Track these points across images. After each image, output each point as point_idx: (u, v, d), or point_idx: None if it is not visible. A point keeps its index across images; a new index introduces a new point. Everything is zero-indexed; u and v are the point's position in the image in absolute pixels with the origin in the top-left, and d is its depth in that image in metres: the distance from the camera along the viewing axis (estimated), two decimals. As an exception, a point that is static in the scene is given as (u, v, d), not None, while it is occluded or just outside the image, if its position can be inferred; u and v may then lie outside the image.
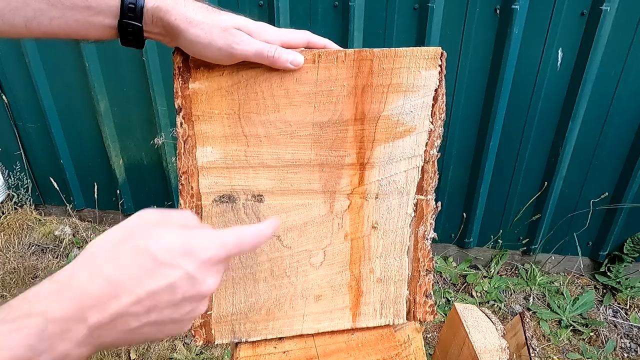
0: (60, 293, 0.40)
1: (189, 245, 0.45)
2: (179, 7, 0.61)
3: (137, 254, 0.43)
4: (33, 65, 2.14)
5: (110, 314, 0.41)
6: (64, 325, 0.39)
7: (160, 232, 0.45)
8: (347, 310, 0.82)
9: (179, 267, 0.43)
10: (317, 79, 0.70)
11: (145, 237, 0.44)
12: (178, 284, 0.44)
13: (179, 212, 0.51)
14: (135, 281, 0.42)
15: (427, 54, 0.70)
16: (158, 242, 0.44)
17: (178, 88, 0.68)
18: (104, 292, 0.40)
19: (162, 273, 0.43)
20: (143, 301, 0.42)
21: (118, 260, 0.42)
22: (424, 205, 0.78)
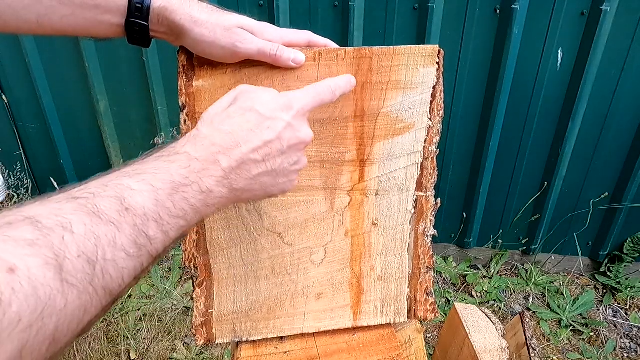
0: (194, 143, 0.49)
1: (284, 100, 0.55)
2: (184, 7, 0.63)
3: (245, 112, 0.52)
4: (33, 65, 2.13)
5: (235, 160, 0.50)
6: (203, 165, 0.48)
7: (259, 93, 0.55)
8: (348, 309, 0.81)
9: (280, 119, 0.53)
10: (317, 76, 0.71)
11: (249, 99, 0.54)
12: (283, 133, 0.53)
13: None
14: (249, 133, 0.51)
15: (425, 51, 0.71)
16: (260, 101, 0.53)
17: (182, 86, 0.70)
18: (227, 142, 0.50)
19: (269, 124, 0.52)
20: (259, 149, 0.51)
21: (231, 118, 0.52)
22: (424, 202, 0.78)
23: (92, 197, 0.38)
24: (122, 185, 0.40)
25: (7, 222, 0.32)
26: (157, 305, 2.06)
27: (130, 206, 0.39)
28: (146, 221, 0.40)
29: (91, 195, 0.38)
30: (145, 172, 0.43)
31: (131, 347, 1.89)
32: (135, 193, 0.40)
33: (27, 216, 0.33)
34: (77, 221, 0.35)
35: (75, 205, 0.36)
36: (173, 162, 0.46)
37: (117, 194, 0.39)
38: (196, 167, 0.47)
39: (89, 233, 0.35)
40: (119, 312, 2.04)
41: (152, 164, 0.45)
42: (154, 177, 0.43)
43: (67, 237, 0.33)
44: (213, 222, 0.74)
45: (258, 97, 0.54)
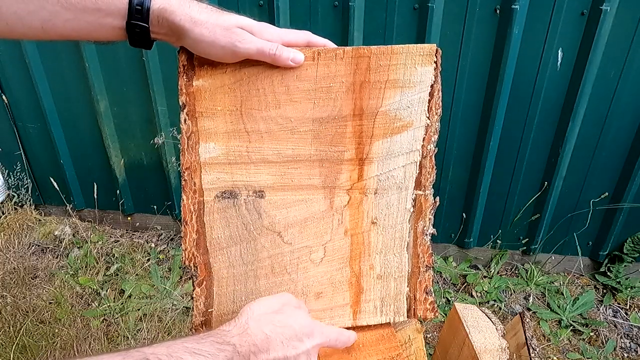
0: (241, 337, 0.59)
1: (313, 330, 0.66)
2: (183, 8, 0.63)
3: (285, 326, 0.63)
4: (33, 65, 2.14)
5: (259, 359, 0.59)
6: (240, 358, 0.57)
7: (299, 313, 0.67)
8: (347, 308, 0.81)
9: (304, 344, 0.63)
10: (316, 75, 0.72)
11: (291, 314, 0.65)
12: (300, 356, 0.63)
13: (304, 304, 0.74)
14: (279, 345, 0.61)
15: (423, 50, 0.72)
16: (297, 321, 0.65)
17: (182, 85, 0.70)
18: (262, 345, 0.60)
19: (295, 345, 0.63)
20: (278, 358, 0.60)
21: (273, 325, 0.62)
22: (423, 201, 0.78)
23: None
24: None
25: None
26: (157, 305, 2.06)
27: None
28: None
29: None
30: (201, 353, 0.54)
31: (131, 347, 1.89)
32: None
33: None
34: None
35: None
36: (222, 351, 0.56)
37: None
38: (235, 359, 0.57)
39: None
40: (119, 312, 2.04)
41: (207, 347, 0.55)
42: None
43: None
44: (213, 221, 0.74)
45: (297, 315, 0.66)
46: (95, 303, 2.09)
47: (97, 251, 2.37)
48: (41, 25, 0.61)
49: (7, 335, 1.86)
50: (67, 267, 2.30)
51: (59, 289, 2.14)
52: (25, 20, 0.61)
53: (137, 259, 2.34)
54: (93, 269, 2.29)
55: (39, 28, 0.62)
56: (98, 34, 0.65)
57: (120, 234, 2.56)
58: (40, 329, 1.91)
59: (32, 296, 2.07)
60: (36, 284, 2.18)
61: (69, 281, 2.19)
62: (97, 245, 2.41)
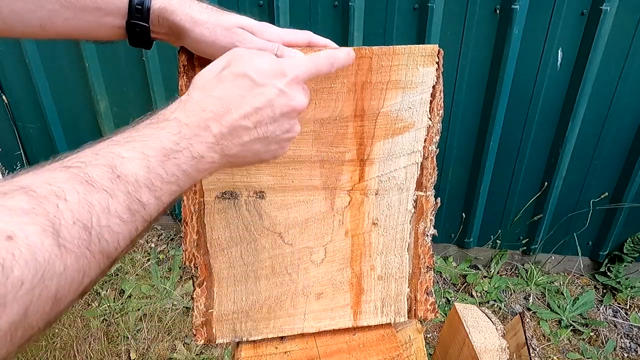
0: (184, 108, 0.49)
1: (278, 67, 0.53)
2: (183, 8, 0.63)
3: (237, 78, 0.52)
4: (33, 65, 2.13)
5: (226, 126, 0.50)
6: (194, 131, 0.48)
7: (253, 58, 0.53)
8: (348, 309, 0.81)
9: (272, 86, 0.52)
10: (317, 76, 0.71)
11: (241, 63, 0.53)
12: (274, 100, 0.52)
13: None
14: (240, 99, 0.51)
15: (425, 51, 0.71)
16: (253, 66, 0.52)
17: (183, 85, 0.70)
18: (217, 107, 0.50)
19: (260, 91, 0.51)
20: (250, 116, 0.51)
21: (223, 83, 0.51)
22: (424, 202, 0.78)
23: (84, 166, 0.39)
24: (113, 153, 0.41)
25: (2, 192, 0.33)
26: (157, 305, 2.06)
27: (121, 174, 0.40)
28: (138, 188, 0.41)
29: (83, 164, 0.39)
30: (135, 139, 0.44)
31: (131, 347, 1.89)
32: (126, 161, 0.41)
33: (22, 186, 0.34)
34: (70, 190, 0.36)
35: (67, 174, 0.37)
36: (163, 129, 0.46)
37: (108, 162, 0.40)
38: (186, 133, 0.47)
39: (82, 201, 0.36)
40: (119, 312, 2.04)
41: (142, 132, 0.46)
42: (144, 145, 0.44)
43: (61, 205, 0.35)
44: (213, 222, 0.74)
45: (251, 62, 0.53)
46: (95, 303, 2.09)
47: (97, 251, 2.36)
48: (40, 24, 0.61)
49: (7, 336, 1.86)
50: (67, 267, 2.29)
51: (59, 289, 2.13)
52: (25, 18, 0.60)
53: (137, 259, 2.34)
54: (93, 269, 2.28)
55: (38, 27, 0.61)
56: (98, 33, 0.65)
57: (120, 234, 2.55)
58: (40, 329, 1.90)
59: (32, 296, 2.07)
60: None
61: (69, 281, 2.19)
62: (97, 245, 2.41)
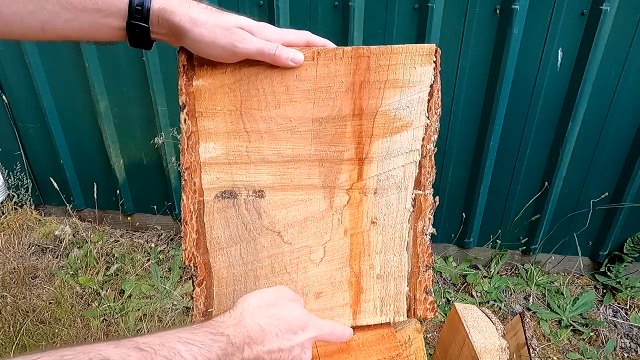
0: (236, 328, 0.59)
1: (307, 323, 0.66)
2: (183, 8, 0.64)
3: (279, 318, 0.63)
4: (33, 65, 2.14)
5: (254, 353, 0.59)
6: (234, 349, 0.57)
7: (294, 306, 0.67)
8: (347, 308, 0.81)
9: (298, 337, 0.64)
10: (316, 75, 0.72)
11: (285, 307, 0.66)
12: (294, 349, 0.63)
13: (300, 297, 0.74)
14: (274, 337, 0.61)
15: (422, 50, 0.72)
16: (292, 314, 0.65)
17: (182, 85, 0.70)
18: (257, 336, 0.60)
19: (289, 337, 0.63)
20: (273, 352, 0.61)
21: (267, 317, 0.62)
22: (422, 200, 0.78)
23: (153, 353, 0.49)
24: (175, 349, 0.51)
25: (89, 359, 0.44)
26: (157, 305, 2.06)
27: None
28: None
29: (152, 350, 0.50)
30: (194, 343, 0.54)
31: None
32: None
33: (104, 357, 0.44)
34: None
35: (139, 356, 0.48)
36: (216, 342, 0.56)
37: (169, 356, 0.50)
38: (229, 351, 0.56)
39: None
40: (119, 312, 2.04)
41: (201, 337, 0.55)
42: (198, 351, 0.53)
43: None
44: (213, 221, 0.74)
45: (292, 308, 0.66)
46: (95, 303, 2.09)
47: (97, 251, 2.37)
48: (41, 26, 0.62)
49: (7, 335, 1.86)
50: (67, 267, 2.30)
51: (59, 289, 2.13)
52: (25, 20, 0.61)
53: (137, 259, 2.34)
54: (93, 269, 2.29)
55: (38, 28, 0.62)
56: (98, 35, 0.65)
57: (120, 234, 2.56)
58: (40, 329, 1.90)
59: (32, 296, 2.07)
60: (36, 284, 2.18)
61: (69, 281, 2.19)
62: (97, 245, 2.41)
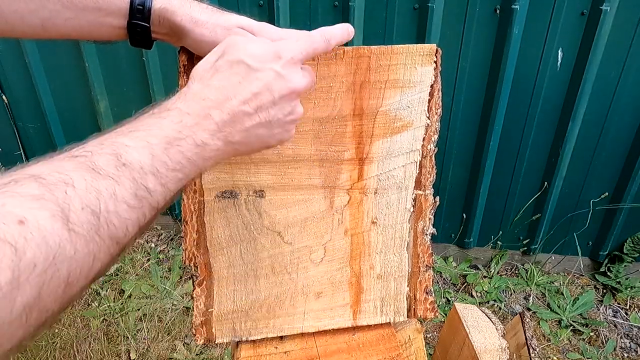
0: (184, 99, 0.50)
1: (272, 50, 0.54)
2: (184, 8, 0.64)
3: (233, 65, 0.52)
4: (33, 65, 2.14)
5: (227, 113, 0.50)
6: (195, 119, 0.48)
7: (247, 44, 0.54)
8: (347, 308, 0.81)
9: (268, 69, 0.52)
10: (316, 75, 0.71)
11: (236, 50, 0.53)
12: (272, 84, 0.52)
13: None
14: (238, 87, 0.51)
15: (423, 50, 0.72)
16: (247, 52, 0.53)
17: (183, 85, 0.70)
18: (217, 95, 0.50)
19: (257, 76, 0.52)
20: (249, 101, 0.51)
21: (220, 72, 0.52)
22: (423, 201, 0.78)
23: (90, 155, 0.40)
24: (118, 142, 0.43)
25: (14, 180, 0.36)
26: (157, 305, 2.06)
27: (127, 161, 0.41)
28: (144, 174, 0.42)
29: (89, 153, 0.41)
30: (138, 129, 0.45)
31: (131, 347, 1.89)
32: (131, 149, 0.42)
33: (31, 174, 0.37)
34: (78, 177, 0.37)
35: (75, 163, 0.39)
36: (165, 118, 0.47)
37: (113, 151, 0.41)
38: (188, 121, 0.48)
39: (90, 187, 0.38)
40: (119, 312, 2.04)
41: (144, 122, 0.47)
42: (147, 134, 0.45)
43: (69, 192, 0.36)
44: (213, 221, 0.74)
45: (245, 48, 0.53)
46: (95, 303, 2.09)
47: (97, 251, 2.36)
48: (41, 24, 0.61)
49: (7, 335, 1.86)
50: (67, 267, 2.30)
51: (59, 289, 2.13)
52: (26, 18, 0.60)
53: (137, 259, 2.34)
54: (93, 269, 2.29)
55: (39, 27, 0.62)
56: (98, 33, 0.65)
57: (120, 234, 2.55)
58: (40, 329, 1.90)
59: (32, 296, 2.07)
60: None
61: (69, 281, 2.19)
62: (97, 245, 2.41)
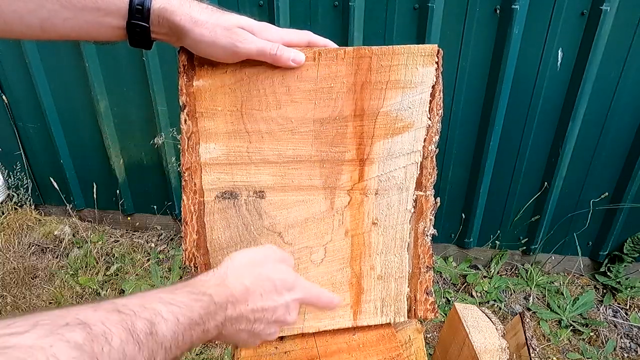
0: (220, 286, 0.57)
1: (294, 284, 0.63)
2: (184, 8, 0.63)
3: (265, 279, 0.61)
4: (33, 65, 2.14)
5: (237, 312, 0.57)
6: (217, 308, 0.54)
7: (281, 267, 0.64)
8: (348, 308, 0.81)
9: (283, 298, 0.62)
10: (317, 76, 0.71)
11: (272, 267, 0.63)
12: (278, 309, 0.61)
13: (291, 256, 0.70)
14: (259, 296, 0.59)
15: (424, 51, 0.72)
16: (279, 275, 0.62)
17: (183, 85, 0.70)
18: (242, 295, 0.58)
19: (274, 297, 0.61)
20: (256, 312, 0.59)
21: (253, 276, 0.60)
22: (423, 201, 0.78)
23: (132, 315, 0.46)
24: (156, 310, 0.48)
25: (65, 323, 0.40)
26: (157, 305, 2.06)
27: (156, 332, 0.47)
28: (159, 348, 0.47)
29: (132, 313, 0.46)
30: (176, 303, 0.50)
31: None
32: (163, 322, 0.48)
33: (82, 320, 0.41)
34: (116, 334, 0.42)
35: (118, 318, 0.44)
36: (198, 302, 0.53)
37: (150, 317, 0.47)
38: (212, 310, 0.54)
39: (120, 348, 0.42)
40: (119, 312, 2.03)
41: (182, 297, 0.52)
42: (180, 311, 0.50)
43: (105, 348, 0.41)
44: (213, 222, 0.74)
45: (279, 269, 0.63)
46: (95, 303, 2.09)
47: (97, 251, 2.37)
48: (40, 24, 0.61)
49: (7, 336, 1.86)
50: (67, 267, 2.30)
51: (59, 289, 2.13)
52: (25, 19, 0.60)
53: (137, 259, 2.34)
54: (93, 269, 2.29)
55: (38, 27, 0.61)
56: (98, 34, 0.65)
57: (120, 234, 2.56)
58: (40, 329, 1.90)
59: (32, 296, 2.07)
60: (36, 284, 2.18)
61: (69, 281, 2.19)
62: (97, 245, 2.41)
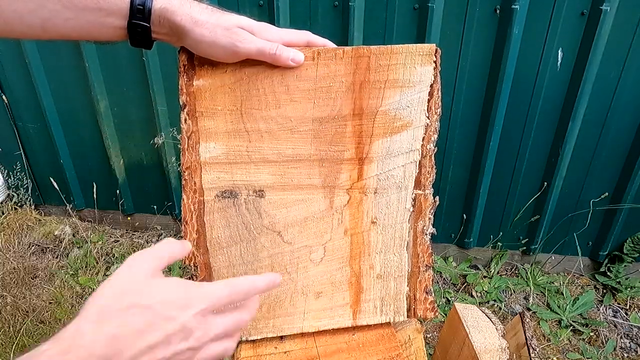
0: (66, 354, 0.40)
1: (188, 298, 0.48)
2: (184, 8, 0.64)
3: (140, 310, 0.45)
4: (33, 65, 2.14)
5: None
6: None
7: (157, 286, 0.47)
8: (347, 308, 0.81)
9: (176, 319, 0.46)
10: (316, 75, 0.72)
11: (143, 293, 0.46)
12: (172, 337, 0.46)
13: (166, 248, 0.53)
14: (137, 336, 0.44)
15: (422, 50, 0.72)
16: (156, 297, 0.46)
17: (183, 85, 0.70)
18: (108, 351, 0.42)
19: (161, 326, 0.45)
20: (142, 355, 0.44)
21: (120, 317, 0.44)
22: (422, 200, 0.78)
23: None
24: None
25: None
26: (157, 305, 2.06)
27: None
28: None
29: None
30: None
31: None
32: None
33: None
34: None
35: None
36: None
37: None
38: None
39: None
40: (119, 312, 2.03)
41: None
42: None
43: None
44: (213, 221, 0.74)
45: (155, 292, 0.47)
46: (95, 303, 2.09)
47: (97, 251, 2.37)
48: (41, 24, 0.61)
49: (7, 335, 1.86)
50: (67, 267, 2.30)
51: (59, 289, 2.13)
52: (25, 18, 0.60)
53: (137, 259, 2.34)
54: (93, 269, 2.29)
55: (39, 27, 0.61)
56: (99, 34, 0.65)
57: (120, 234, 2.56)
58: (40, 329, 1.90)
59: (32, 296, 2.07)
60: (36, 284, 2.18)
61: (69, 281, 2.19)
62: (97, 245, 2.41)
